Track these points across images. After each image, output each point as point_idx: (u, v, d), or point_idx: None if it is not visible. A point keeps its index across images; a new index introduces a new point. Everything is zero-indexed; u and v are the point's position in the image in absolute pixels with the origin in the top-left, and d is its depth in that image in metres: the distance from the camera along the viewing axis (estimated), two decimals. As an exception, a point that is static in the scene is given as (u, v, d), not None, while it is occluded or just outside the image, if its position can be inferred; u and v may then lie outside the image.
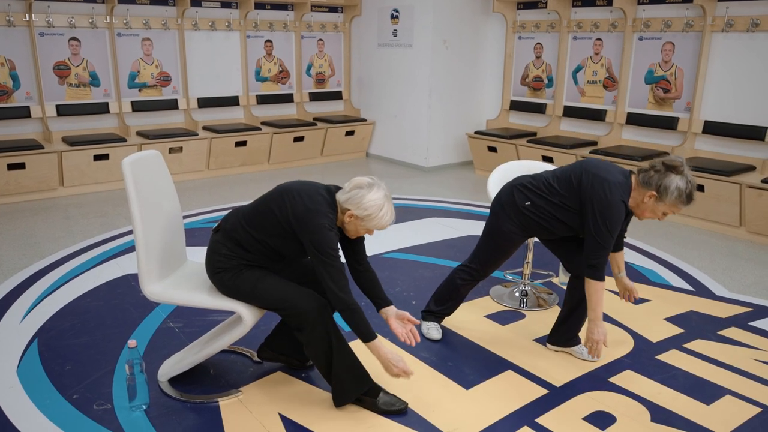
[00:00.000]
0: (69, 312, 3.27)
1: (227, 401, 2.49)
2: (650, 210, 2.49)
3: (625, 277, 2.85)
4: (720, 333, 3.15)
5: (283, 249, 2.33)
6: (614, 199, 2.44)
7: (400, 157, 7.39)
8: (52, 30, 5.78)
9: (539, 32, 6.53)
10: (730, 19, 5.00)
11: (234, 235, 2.34)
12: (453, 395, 2.57)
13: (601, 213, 2.45)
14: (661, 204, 2.44)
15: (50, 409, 2.41)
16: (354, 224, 2.27)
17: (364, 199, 2.21)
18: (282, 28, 7.17)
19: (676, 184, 2.39)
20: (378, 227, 2.26)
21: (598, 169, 2.53)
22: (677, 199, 2.40)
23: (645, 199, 2.46)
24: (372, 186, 2.24)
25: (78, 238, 4.47)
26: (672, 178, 2.40)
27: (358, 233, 2.32)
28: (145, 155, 2.48)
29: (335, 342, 2.31)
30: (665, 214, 2.48)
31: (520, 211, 2.69)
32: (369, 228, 2.27)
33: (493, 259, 2.86)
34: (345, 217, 2.25)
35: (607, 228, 2.45)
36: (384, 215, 2.24)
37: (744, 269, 4.09)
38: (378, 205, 2.21)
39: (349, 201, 2.22)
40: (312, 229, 2.18)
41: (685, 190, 2.39)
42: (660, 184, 2.41)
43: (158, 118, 6.58)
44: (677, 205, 2.43)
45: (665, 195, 2.40)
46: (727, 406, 2.51)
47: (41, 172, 5.47)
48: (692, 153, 5.36)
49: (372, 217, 2.22)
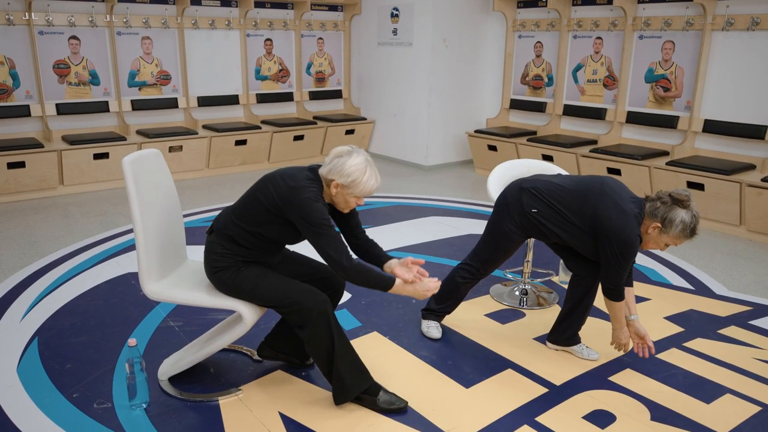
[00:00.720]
0: (69, 311, 3.27)
1: (227, 400, 2.49)
2: (654, 241, 2.50)
3: (637, 321, 2.66)
4: (720, 332, 3.15)
5: (277, 236, 2.32)
6: (632, 235, 2.44)
7: (400, 155, 7.38)
8: (51, 29, 5.77)
9: (539, 31, 6.52)
10: (730, 17, 5.00)
11: (227, 232, 2.34)
12: (453, 394, 2.57)
13: (619, 247, 2.45)
14: (664, 236, 2.46)
15: (50, 408, 2.41)
16: (342, 195, 2.26)
17: (345, 165, 2.21)
18: (282, 26, 7.16)
19: (681, 217, 2.40)
20: (365, 193, 2.25)
21: (617, 196, 2.52)
22: (681, 233, 2.42)
23: (649, 230, 2.48)
24: (351, 152, 2.24)
25: (78, 237, 4.47)
26: (678, 212, 2.41)
27: (349, 204, 2.30)
28: (145, 154, 2.48)
29: (337, 339, 2.31)
30: (667, 245, 2.50)
31: (525, 215, 2.68)
32: (357, 195, 2.26)
33: (493, 257, 2.86)
34: (331, 189, 2.25)
35: (624, 259, 2.47)
36: (368, 179, 2.23)
37: (744, 268, 4.09)
38: (360, 169, 2.21)
39: (332, 171, 2.23)
40: (298, 204, 2.18)
41: (690, 225, 2.41)
42: (666, 217, 2.42)
43: (158, 117, 6.58)
44: (680, 238, 2.44)
45: (670, 228, 2.41)
46: (727, 405, 2.51)
47: (41, 170, 5.47)
48: (692, 152, 5.36)
49: (357, 183, 2.22)
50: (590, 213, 2.53)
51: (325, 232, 2.19)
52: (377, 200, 5.63)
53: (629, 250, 2.45)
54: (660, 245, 2.51)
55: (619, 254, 2.46)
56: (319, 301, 2.29)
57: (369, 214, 5.17)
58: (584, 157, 5.63)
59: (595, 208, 2.51)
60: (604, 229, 2.47)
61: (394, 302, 3.43)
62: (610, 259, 2.48)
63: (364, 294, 3.53)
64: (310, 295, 2.29)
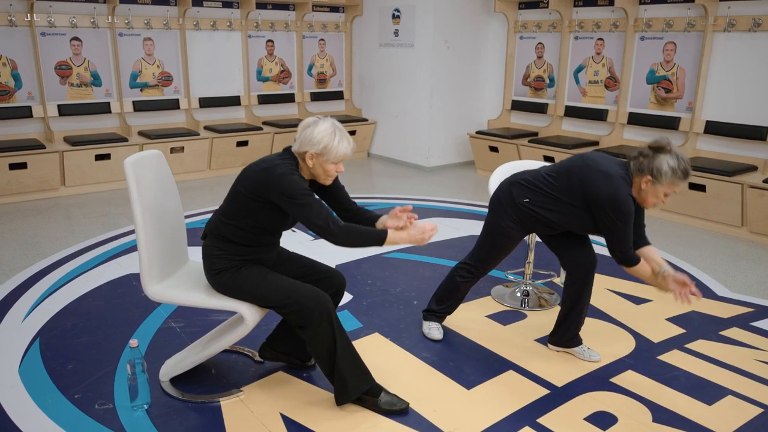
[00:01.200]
0: (71, 312, 3.27)
1: (229, 401, 2.49)
2: (651, 195, 2.49)
3: (670, 270, 2.60)
4: (721, 333, 3.14)
5: (267, 223, 2.31)
6: (623, 195, 2.45)
7: (401, 157, 7.39)
8: (53, 30, 5.78)
9: (541, 32, 6.52)
10: (731, 18, 4.99)
11: (219, 233, 2.34)
12: (454, 395, 2.57)
13: (614, 210, 2.45)
14: (659, 186, 2.45)
15: (52, 409, 2.42)
16: (318, 165, 2.26)
17: (314, 134, 2.22)
18: (283, 27, 7.17)
19: (667, 163, 2.41)
20: (340, 157, 2.25)
21: (599, 164, 2.54)
22: (674, 177, 2.42)
23: (643, 186, 2.48)
24: (317, 121, 2.25)
25: (79, 238, 4.48)
26: (662, 159, 2.42)
27: (328, 173, 2.29)
28: (147, 155, 2.48)
29: (339, 339, 2.31)
30: (666, 195, 2.48)
31: (518, 207, 2.70)
32: (333, 161, 2.25)
33: (492, 256, 2.86)
34: (308, 162, 2.25)
35: (622, 222, 2.46)
36: (339, 142, 2.23)
37: (746, 269, 4.08)
38: (329, 133, 2.22)
39: (302, 143, 2.24)
40: (275, 181, 2.19)
41: (679, 167, 2.41)
42: (652, 168, 2.43)
43: (160, 118, 6.58)
44: (676, 183, 2.44)
45: (660, 176, 2.42)
46: (729, 407, 2.51)
47: (43, 171, 5.48)
48: (694, 153, 5.36)
49: (329, 148, 2.22)
50: (578, 186, 2.54)
51: (306, 202, 2.18)
52: (379, 201, 5.63)
53: (624, 210, 2.45)
54: (659, 197, 2.49)
55: (615, 218, 2.45)
56: (321, 300, 2.29)
57: (370, 215, 5.16)
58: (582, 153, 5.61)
59: (581, 180, 2.53)
60: (595, 197, 2.48)
61: (395, 303, 3.43)
62: (609, 225, 2.48)
63: (366, 295, 3.53)
64: (312, 295, 2.29)
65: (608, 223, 2.48)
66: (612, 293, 3.62)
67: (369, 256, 4.16)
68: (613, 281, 3.79)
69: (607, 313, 3.34)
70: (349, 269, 3.90)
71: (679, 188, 2.47)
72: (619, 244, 2.51)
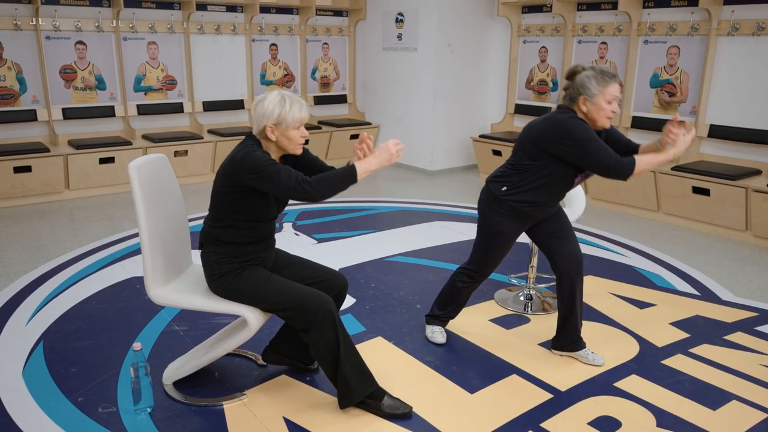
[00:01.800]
0: (74, 315, 3.28)
1: (232, 404, 2.49)
2: (596, 111, 2.50)
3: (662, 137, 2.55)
4: (726, 338, 3.13)
5: (252, 212, 2.31)
6: (570, 121, 2.48)
7: (404, 160, 7.38)
8: (58, 34, 5.81)
9: (544, 36, 6.52)
10: (735, 22, 4.99)
11: (212, 238, 2.36)
12: (457, 399, 2.56)
13: (571, 135, 2.47)
14: (595, 99, 2.48)
15: (55, 412, 2.42)
16: (281, 135, 2.27)
17: (265, 106, 2.24)
18: (287, 31, 7.19)
19: (585, 75, 2.49)
20: (297, 120, 2.25)
21: (539, 119, 2.62)
22: (599, 82, 2.46)
23: (583, 109, 2.52)
24: (265, 95, 2.28)
25: (83, 241, 4.49)
26: (580, 76, 2.50)
27: (293, 140, 2.29)
28: (151, 159, 2.49)
29: (342, 342, 2.31)
30: (609, 102, 2.50)
31: (501, 201, 2.71)
32: (292, 126, 2.26)
33: (489, 257, 2.85)
34: (271, 137, 2.27)
35: (588, 140, 2.46)
36: (291, 106, 2.24)
37: (750, 274, 4.07)
38: (277, 102, 2.23)
39: (258, 120, 2.26)
40: (238, 164, 2.21)
41: (598, 72, 2.48)
42: (577, 88, 2.50)
43: (164, 122, 6.60)
44: (606, 86, 2.47)
45: (588, 88, 2.48)
46: (734, 412, 2.50)
47: (47, 175, 5.50)
48: (698, 157, 5.35)
49: (283, 115, 2.23)
50: (533, 145, 2.59)
51: (272, 170, 2.18)
52: (382, 205, 5.63)
53: (578, 129, 2.47)
54: (605, 108, 2.50)
55: (579, 143, 2.46)
56: (324, 303, 2.29)
57: (373, 219, 5.17)
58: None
59: (530, 138, 2.60)
60: (550, 139, 2.52)
61: (398, 307, 3.43)
62: (581, 153, 2.48)
63: (369, 299, 3.53)
64: (315, 298, 2.29)
65: (577, 151, 2.48)
66: (616, 297, 3.61)
67: (372, 259, 4.16)
68: (616, 285, 3.78)
69: (611, 318, 3.34)
70: (352, 273, 3.90)
71: (615, 89, 2.49)
72: (602, 162, 2.47)
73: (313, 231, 4.79)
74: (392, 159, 2.30)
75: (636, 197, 5.37)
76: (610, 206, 5.61)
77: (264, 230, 2.40)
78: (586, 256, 4.21)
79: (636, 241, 4.68)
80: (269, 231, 2.44)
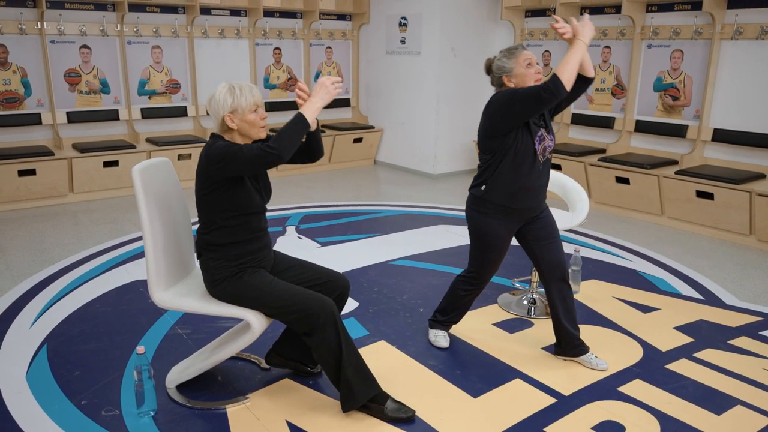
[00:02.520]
0: (78, 318, 3.28)
1: (235, 408, 2.49)
2: (522, 77, 2.59)
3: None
4: (730, 342, 3.12)
5: (237, 205, 2.31)
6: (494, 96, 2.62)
7: (407, 164, 7.39)
8: (63, 38, 5.83)
9: (547, 40, 6.53)
10: (739, 26, 4.98)
11: (207, 245, 2.36)
12: (460, 403, 2.56)
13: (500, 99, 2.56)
14: (514, 70, 2.59)
15: (58, 415, 2.42)
16: (240, 121, 2.29)
17: (217, 99, 2.28)
18: (291, 35, 7.20)
19: (496, 59, 2.65)
20: (251, 104, 2.28)
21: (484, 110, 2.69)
22: (510, 57, 2.60)
23: (512, 84, 2.61)
24: (215, 90, 2.32)
25: (87, 244, 4.50)
26: (494, 64, 2.65)
27: (254, 124, 2.31)
28: (155, 162, 2.49)
29: (344, 345, 2.31)
30: (530, 65, 2.58)
31: (484, 200, 2.73)
32: (249, 110, 2.28)
33: (486, 261, 2.84)
34: (232, 126, 2.30)
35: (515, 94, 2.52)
36: (241, 92, 2.27)
37: (754, 278, 4.06)
38: (226, 91, 2.27)
39: (215, 114, 2.30)
40: (204, 160, 2.26)
41: (504, 52, 2.63)
42: (499, 73, 2.63)
43: (167, 125, 6.62)
44: (517, 57, 2.58)
45: (503, 67, 2.61)
46: (738, 417, 2.49)
47: (51, 178, 5.51)
48: (701, 161, 5.34)
49: (236, 102, 2.26)
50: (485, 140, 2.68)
51: (234, 150, 2.20)
52: (385, 208, 5.63)
53: (502, 93, 2.57)
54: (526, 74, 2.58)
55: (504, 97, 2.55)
56: (326, 306, 2.29)
57: (377, 222, 5.17)
58: (592, 166, 5.61)
59: (482, 138, 2.69)
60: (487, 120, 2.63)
61: (401, 311, 3.42)
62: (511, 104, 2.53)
63: (372, 303, 3.52)
64: (317, 301, 2.29)
65: (507, 106, 2.54)
66: (619, 301, 3.60)
67: (375, 263, 4.16)
68: (620, 289, 3.78)
69: (615, 322, 3.33)
70: (355, 276, 3.90)
71: (526, 54, 2.58)
72: (531, 94, 2.48)
73: (316, 234, 4.79)
74: (331, 93, 2.31)
75: (640, 201, 5.36)
76: (614, 210, 5.61)
77: (254, 223, 2.39)
78: (589, 260, 4.22)
79: (640, 245, 4.67)
80: (260, 225, 2.43)
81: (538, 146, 2.64)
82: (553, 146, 2.73)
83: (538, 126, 2.65)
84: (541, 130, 2.66)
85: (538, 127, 2.64)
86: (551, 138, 2.71)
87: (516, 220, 2.75)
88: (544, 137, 2.67)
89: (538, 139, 2.64)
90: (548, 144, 2.69)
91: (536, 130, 2.62)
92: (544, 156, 2.69)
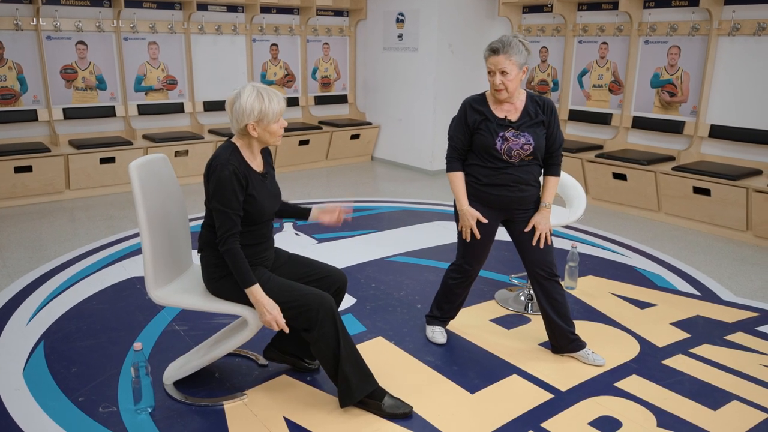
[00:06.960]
0: (75, 315, 3.28)
1: (232, 404, 2.49)
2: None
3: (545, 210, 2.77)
4: (726, 338, 3.13)
5: (249, 220, 2.31)
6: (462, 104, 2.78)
7: (405, 160, 7.39)
8: (59, 34, 5.81)
9: (545, 36, 6.52)
10: (736, 23, 4.99)
11: (210, 242, 2.35)
12: (458, 399, 2.56)
13: (458, 115, 2.80)
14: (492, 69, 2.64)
15: (56, 412, 2.42)
16: (263, 131, 2.27)
17: (243, 105, 2.21)
18: (288, 31, 7.19)
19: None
20: (277, 114, 2.25)
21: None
22: (486, 56, 2.64)
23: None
24: (240, 92, 2.24)
25: (84, 241, 4.49)
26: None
27: (274, 134, 2.30)
28: (152, 159, 2.49)
29: (342, 340, 2.31)
30: (490, 74, 2.62)
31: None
32: (273, 121, 2.26)
33: (473, 246, 2.82)
34: (253, 135, 2.27)
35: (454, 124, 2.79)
36: (270, 101, 2.23)
37: (751, 274, 4.07)
38: (255, 98, 2.22)
39: (238, 119, 2.24)
40: (211, 179, 2.26)
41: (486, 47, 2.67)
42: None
43: (164, 122, 6.60)
44: (486, 59, 2.63)
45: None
46: (734, 412, 2.50)
47: (48, 175, 5.50)
48: (698, 157, 5.34)
49: (264, 111, 2.22)
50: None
51: (222, 208, 2.21)
52: (383, 205, 5.63)
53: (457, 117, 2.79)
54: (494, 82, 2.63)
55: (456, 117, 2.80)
56: (325, 301, 2.29)
57: (374, 219, 5.17)
58: (590, 162, 5.62)
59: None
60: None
61: (399, 307, 3.43)
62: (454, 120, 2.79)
63: (369, 299, 3.53)
64: (315, 297, 2.30)
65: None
66: (616, 297, 3.61)
67: (373, 259, 4.16)
68: (617, 285, 3.78)
69: (612, 318, 3.34)
70: (352, 273, 3.90)
71: (492, 61, 2.59)
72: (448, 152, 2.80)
73: (314, 231, 4.79)
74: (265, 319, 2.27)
75: (637, 197, 5.37)
76: (611, 206, 5.61)
77: (261, 232, 2.39)
78: (586, 256, 4.23)
79: (637, 241, 4.68)
80: (267, 232, 2.43)
81: (501, 146, 2.65)
82: (529, 149, 2.65)
83: (503, 127, 2.65)
84: (507, 131, 2.65)
85: (504, 128, 2.65)
86: (527, 141, 2.65)
87: (495, 209, 2.76)
88: (508, 138, 2.65)
89: (500, 139, 2.65)
90: (514, 145, 2.64)
91: (498, 131, 2.64)
92: (511, 156, 2.66)
